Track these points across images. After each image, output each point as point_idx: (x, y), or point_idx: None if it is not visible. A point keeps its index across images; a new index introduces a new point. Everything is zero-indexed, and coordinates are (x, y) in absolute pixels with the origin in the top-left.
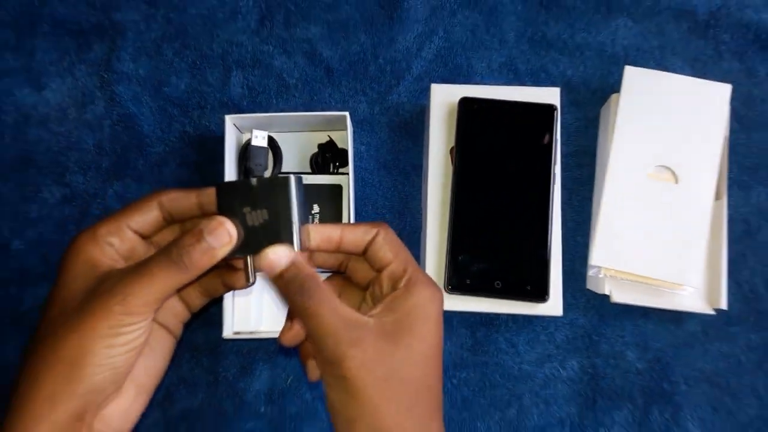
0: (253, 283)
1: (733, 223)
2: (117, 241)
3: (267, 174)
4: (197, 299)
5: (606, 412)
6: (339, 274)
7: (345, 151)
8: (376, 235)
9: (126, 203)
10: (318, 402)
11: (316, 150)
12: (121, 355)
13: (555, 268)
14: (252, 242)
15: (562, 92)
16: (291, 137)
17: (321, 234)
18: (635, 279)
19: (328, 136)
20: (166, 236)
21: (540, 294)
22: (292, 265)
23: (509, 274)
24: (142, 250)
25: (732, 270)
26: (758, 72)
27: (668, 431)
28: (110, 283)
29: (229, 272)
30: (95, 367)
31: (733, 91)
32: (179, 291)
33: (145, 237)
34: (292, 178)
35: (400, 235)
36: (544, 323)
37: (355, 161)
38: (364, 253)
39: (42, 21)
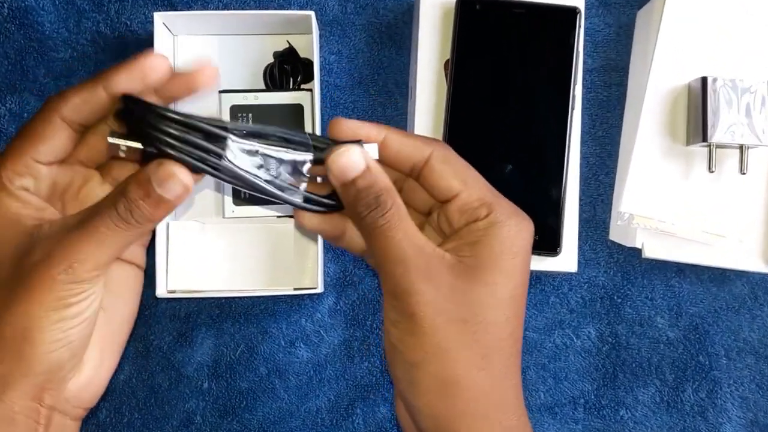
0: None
1: None
2: (31, 183)
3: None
4: None
5: (628, 391)
6: None
7: (309, 62)
8: (430, 156)
9: (24, 125)
10: (274, 378)
11: (271, 60)
12: (75, 327)
13: (570, 214)
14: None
15: None
16: (240, 43)
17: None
18: (673, 231)
19: (288, 41)
20: (96, 145)
21: (551, 245)
22: (368, 171)
23: None
24: (65, 179)
25: None
26: None
27: (703, 413)
28: (48, 246)
29: None
30: (48, 345)
31: None
32: None
33: (62, 162)
34: None
35: None
36: (556, 282)
37: (322, 75)
38: (417, 177)
39: None
